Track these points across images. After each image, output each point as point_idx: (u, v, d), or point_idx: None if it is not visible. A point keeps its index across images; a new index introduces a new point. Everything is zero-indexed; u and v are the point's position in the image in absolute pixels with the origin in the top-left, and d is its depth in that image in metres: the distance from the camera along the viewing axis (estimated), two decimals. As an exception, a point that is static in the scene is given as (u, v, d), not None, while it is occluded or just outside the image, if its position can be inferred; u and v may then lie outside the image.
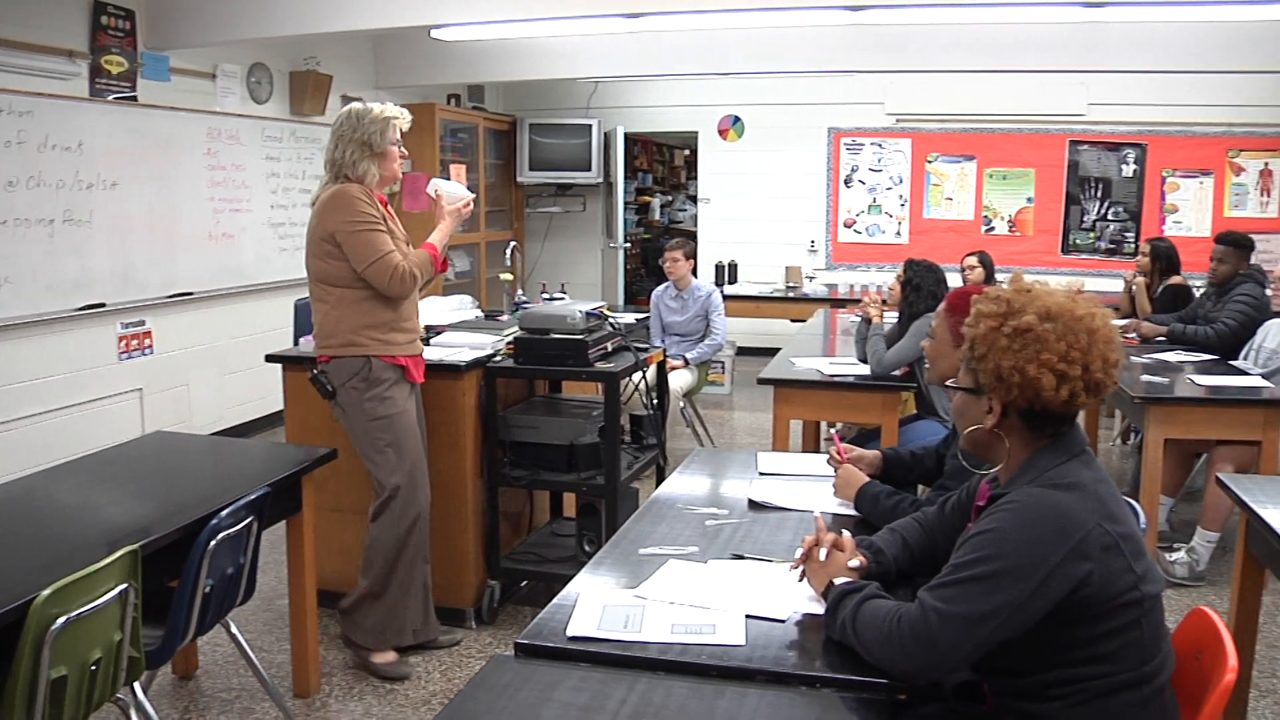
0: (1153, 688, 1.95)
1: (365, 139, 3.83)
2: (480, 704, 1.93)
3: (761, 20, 8.04)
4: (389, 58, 9.33)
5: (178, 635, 2.94)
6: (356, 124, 3.84)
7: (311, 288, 3.97)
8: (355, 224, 3.77)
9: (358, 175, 3.85)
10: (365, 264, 3.78)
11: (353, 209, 3.78)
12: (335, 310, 3.87)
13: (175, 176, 6.90)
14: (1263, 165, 10.10)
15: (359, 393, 3.88)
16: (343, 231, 3.77)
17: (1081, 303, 2.03)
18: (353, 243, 3.77)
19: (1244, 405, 4.83)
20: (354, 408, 3.91)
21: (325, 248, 3.82)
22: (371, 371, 3.88)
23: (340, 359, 3.89)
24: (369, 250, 3.77)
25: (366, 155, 3.85)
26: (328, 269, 3.85)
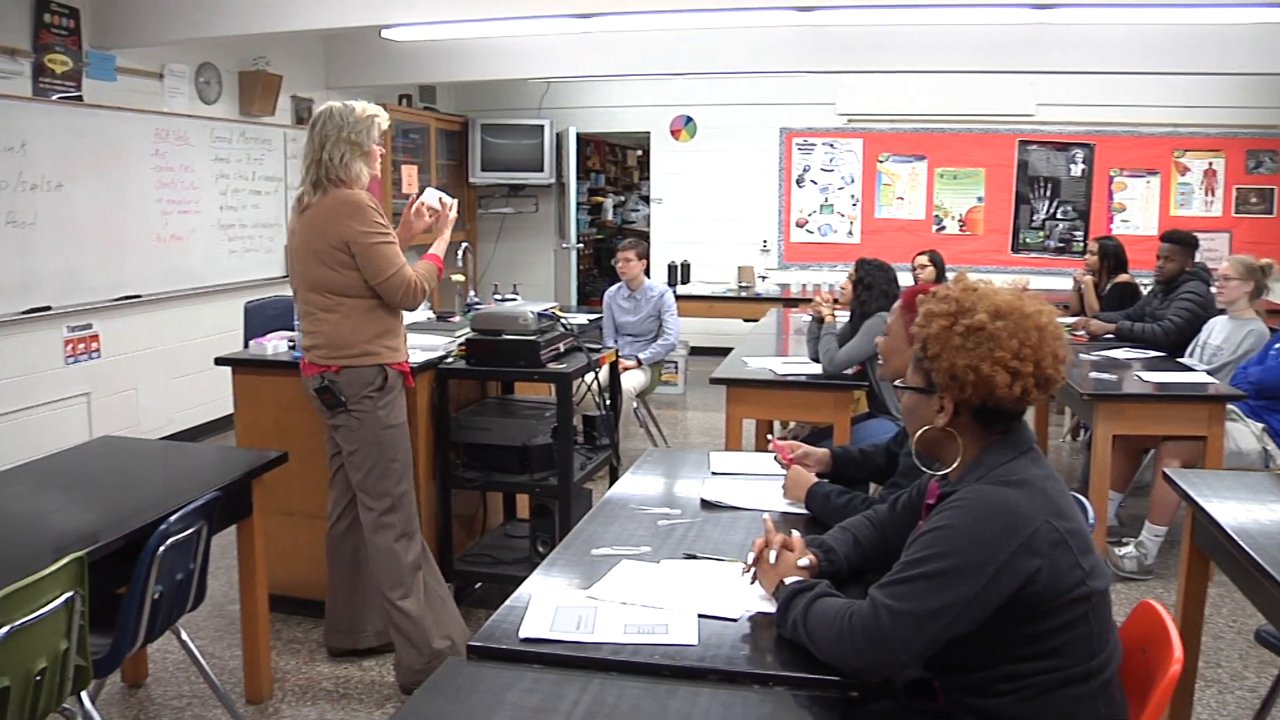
0: (1100, 681, 1.97)
1: (354, 138, 3.73)
2: (433, 707, 1.92)
3: (713, 21, 8.06)
4: (340, 58, 9.27)
5: (126, 643, 2.90)
6: (343, 123, 3.73)
7: (311, 297, 3.79)
8: (372, 235, 3.67)
9: (350, 177, 3.74)
10: (381, 277, 3.68)
11: (368, 218, 3.68)
12: (348, 320, 3.74)
13: (122, 178, 6.82)
14: (1207, 165, 10.25)
15: (373, 402, 3.79)
16: (360, 242, 3.66)
17: (1029, 300, 2.05)
18: (370, 254, 3.67)
19: (1190, 401, 4.90)
20: (369, 417, 3.80)
21: (338, 256, 3.68)
22: (386, 380, 3.81)
23: (355, 369, 3.76)
24: (386, 263, 3.68)
25: (357, 155, 3.74)
26: (338, 279, 3.71)
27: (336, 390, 3.77)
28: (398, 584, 3.88)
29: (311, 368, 3.81)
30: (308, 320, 3.82)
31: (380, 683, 4.00)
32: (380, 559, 3.90)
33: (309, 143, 3.80)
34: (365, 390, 3.77)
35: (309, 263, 3.74)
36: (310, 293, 3.78)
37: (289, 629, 4.45)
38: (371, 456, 3.84)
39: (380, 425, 3.82)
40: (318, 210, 3.72)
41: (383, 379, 3.80)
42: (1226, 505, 3.00)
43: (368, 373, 3.77)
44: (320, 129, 3.75)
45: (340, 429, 3.87)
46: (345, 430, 3.85)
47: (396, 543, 3.88)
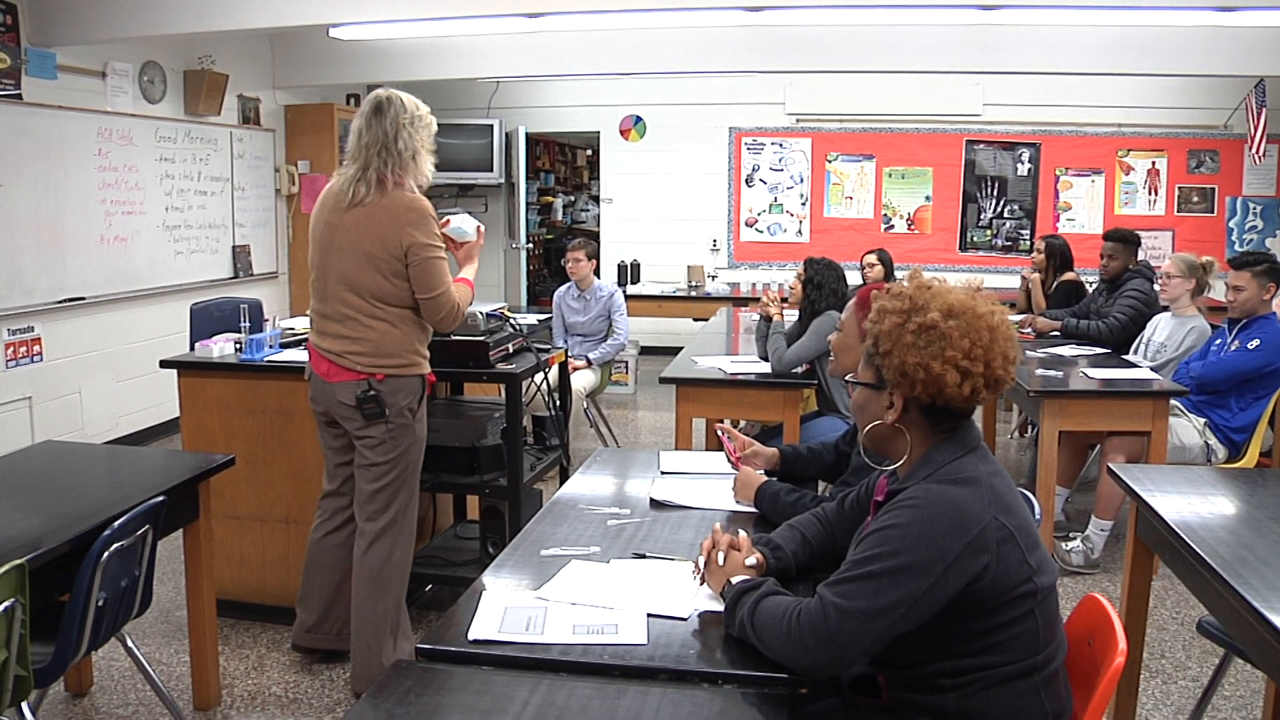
0: (1044, 675, 1.99)
1: (425, 135, 3.60)
2: (381, 710, 1.90)
3: (662, 20, 8.06)
4: (287, 57, 9.19)
5: (69, 651, 2.85)
6: (415, 116, 3.57)
7: (353, 300, 3.59)
8: (432, 248, 3.54)
9: (419, 176, 3.60)
10: (432, 293, 3.56)
11: (431, 229, 3.55)
12: (398, 328, 3.61)
13: (64, 178, 6.72)
14: (1150, 165, 10.40)
15: (413, 414, 3.71)
16: (419, 255, 3.52)
17: (981, 300, 2.07)
18: (426, 268, 3.53)
19: (1134, 397, 4.97)
20: (405, 428, 3.69)
21: (394, 264, 3.53)
22: (422, 390, 3.75)
23: (398, 378, 3.64)
24: (438, 280, 3.56)
25: (427, 154, 3.61)
26: (387, 287, 3.56)
27: (381, 400, 3.61)
28: (383, 596, 3.79)
29: (346, 374, 3.63)
30: (346, 324, 3.62)
31: (330, 686, 3.97)
32: (372, 569, 3.78)
33: (372, 129, 3.56)
34: (409, 401, 3.67)
35: (358, 265, 3.56)
36: (353, 295, 3.59)
37: (237, 634, 4.40)
38: (400, 467, 3.73)
39: (414, 437, 3.74)
40: (377, 211, 3.54)
41: (423, 389, 3.74)
42: (1169, 499, 3.04)
43: (413, 383, 3.68)
44: (392, 116, 3.54)
45: (370, 439, 3.70)
46: (377, 441, 3.69)
47: (391, 555, 3.79)
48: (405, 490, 3.78)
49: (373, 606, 3.78)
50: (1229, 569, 2.42)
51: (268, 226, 9.10)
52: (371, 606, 3.78)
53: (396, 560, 3.81)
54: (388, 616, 3.81)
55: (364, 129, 3.56)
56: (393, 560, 3.79)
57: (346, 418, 3.69)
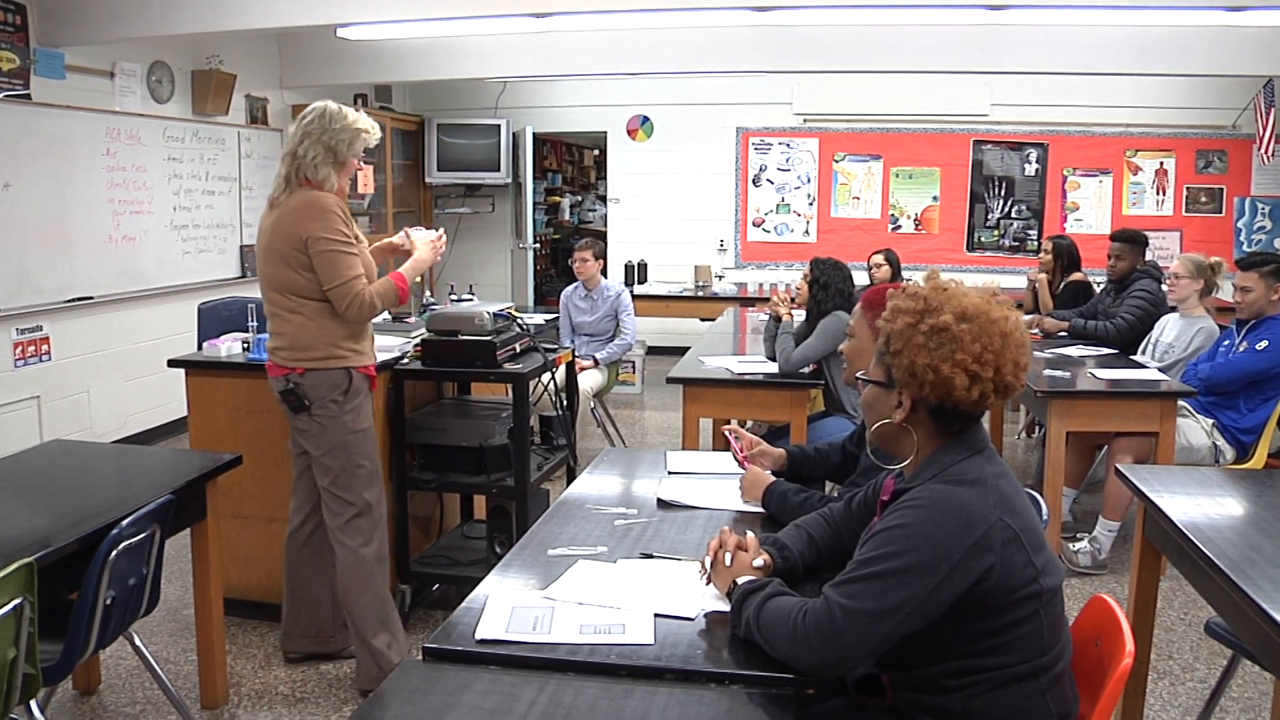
0: (1050, 676, 1.99)
1: (332, 144, 3.65)
2: (388, 710, 1.91)
3: (670, 20, 8.06)
4: (294, 57, 9.20)
5: (77, 650, 2.86)
6: (326, 126, 3.65)
7: (275, 298, 3.72)
8: (329, 240, 3.59)
9: (317, 179, 3.66)
10: (330, 284, 3.60)
11: (330, 223, 3.60)
12: (313, 321, 3.67)
13: (72, 177, 6.73)
14: (1158, 165, 10.38)
15: (339, 406, 3.72)
16: (316, 247, 3.58)
17: (996, 306, 2.06)
18: (323, 260, 3.59)
19: (1142, 398, 4.96)
20: (333, 422, 3.73)
21: (299, 257, 3.60)
22: (352, 384, 3.74)
23: (320, 371, 3.69)
24: (337, 271, 3.59)
25: (329, 161, 3.66)
26: (300, 281, 3.64)
27: (301, 393, 3.70)
28: (363, 590, 3.85)
29: (276, 369, 3.74)
30: (273, 321, 3.75)
31: (337, 685, 3.97)
32: (347, 564, 3.85)
33: (290, 137, 3.73)
34: (330, 394, 3.71)
35: (273, 262, 3.67)
36: (274, 293, 3.71)
37: (244, 633, 4.41)
38: (339, 461, 3.78)
39: (346, 430, 3.75)
40: (284, 210, 3.66)
41: (348, 382, 3.73)
42: (1177, 500, 3.04)
43: (333, 375, 3.70)
44: (305, 124, 3.67)
45: (305, 432, 3.80)
46: (310, 434, 3.78)
47: (363, 548, 3.83)
48: (358, 484, 3.81)
49: (354, 601, 3.85)
50: (1237, 570, 2.42)
51: (275, 226, 9.09)
52: (353, 601, 3.85)
53: (368, 555, 3.85)
54: (369, 610, 3.85)
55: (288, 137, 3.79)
56: (362, 555, 3.84)
57: (283, 412, 3.83)
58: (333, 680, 4.01)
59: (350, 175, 3.79)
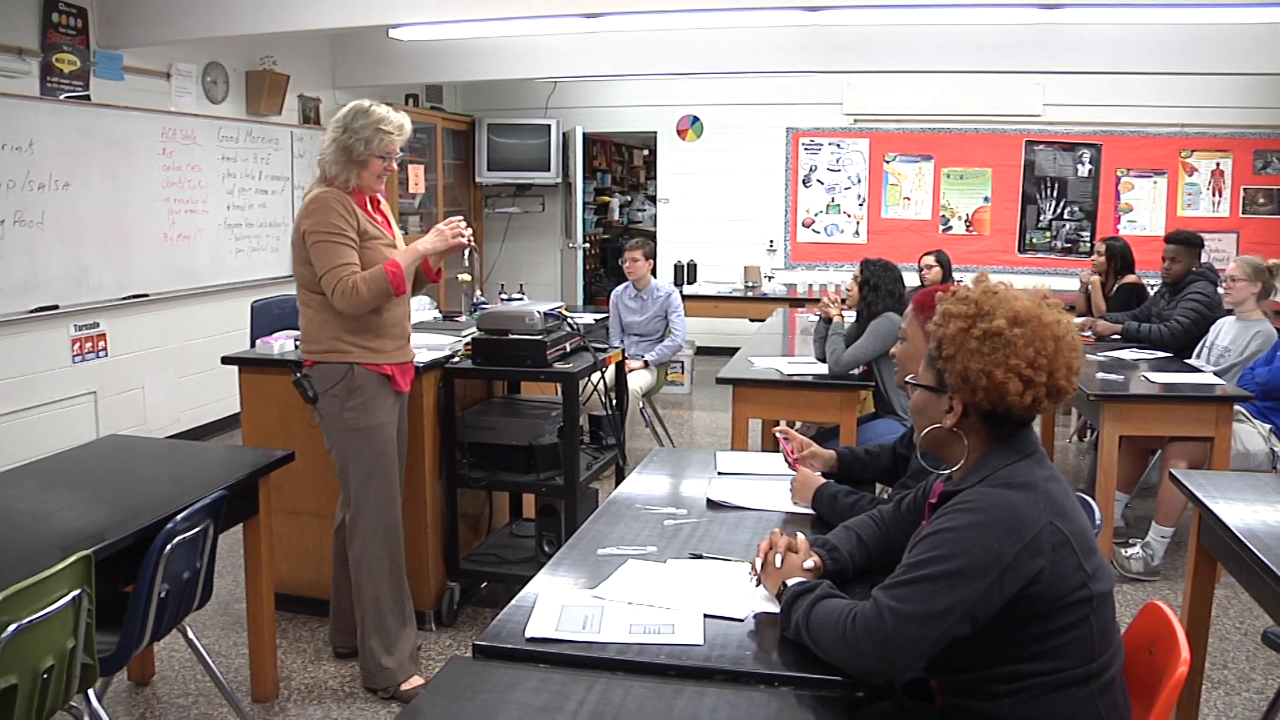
0: (1100, 683, 1.97)
1: (348, 143, 3.65)
2: (438, 706, 1.92)
3: (720, 20, 8.06)
4: (347, 57, 9.28)
5: (133, 641, 2.90)
6: (347, 125, 3.67)
7: (297, 291, 3.86)
8: (319, 232, 3.61)
9: (332, 177, 3.69)
10: (319, 274, 3.62)
11: (322, 216, 3.62)
12: (319, 315, 3.72)
13: (129, 177, 6.83)
14: (1214, 165, 10.23)
15: (339, 401, 3.73)
16: (309, 240, 3.63)
17: (1048, 309, 2.04)
18: (314, 252, 3.62)
19: (1197, 402, 4.89)
20: (333, 417, 3.76)
21: (301, 252, 3.68)
22: (353, 380, 3.72)
23: (322, 365, 3.74)
24: (322, 261, 3.61)
25: (343, 160, 3.67)
26: (306, 274, 3.70)
27: (307, 385, 3.79)
28: (358, 591, 3.87)
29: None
30: (299, 315, 3.87)
31: (386, 682, 4.00)
32: (355, 560, 3.87)
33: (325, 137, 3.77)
34: (330, 388, 3.73)
35: (294, 258, 3.79)
36: (297, 287, 3.85)
37: (295, 628, 4.46)
38: (339, 457, 3.83)
39: (346, 427, 3.76)
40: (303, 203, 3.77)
41: (349, 378, 3.73)
42: (1233, 506, 3.00)
43: (335, 370, 3.72)
44: (333, 123, 3.72)
45: (319, 425, 3.90)
46: (321, 427, 3.87)
47: (360, 550, 3.85)
48: (354, 483, 3.81)
49: (357, 598, 3.89)
50: (1295, 578, 2.38)
51: (327, 225, 9.17)
52: (357, 598, 3.89)
53: (362, 557, 3.85)
54: (367, 611, 3.85)
55: None
56: (362, 555, 3.85)
57: None
58: (382, 676, 4.04)
59: (378, 174, 3.74)
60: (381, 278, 3.66)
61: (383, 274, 3.67)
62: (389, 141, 3.70)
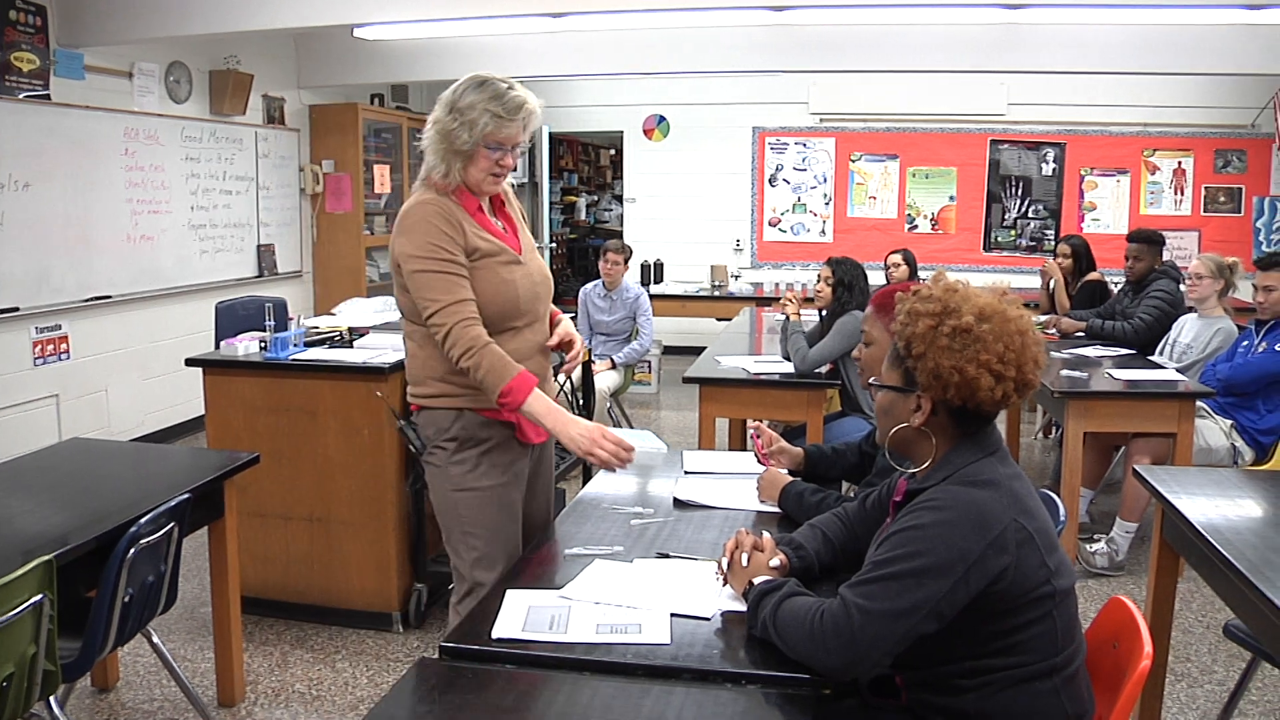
0: (1063, 677, 1.99)
1: (449, 129, 2.87)
2: (404, 708, 1.91)
3: (686, 20, 8.06)
4: (311, 57, 9.22)
5: (96, 647, 2.87)
6: (453, 104, 2.89)
7: (401, 320, 3.15)
8: (416, 257, 2.85)
9: (433, 173, 2.93)
10: (422, 311, 2.87)
11: (419, 236, 2.86)
12: (423, 350, 3.01)
13: (91, 177, 6.76)
14: (1176, 164, 10.34)
15: (446, 454, 3.03)
16: (407, 268, 2.87)
17: (1010, 304, 2.06)
18: (411, 282, 2.88)
19: (1160, 399, 4.94)
20: (439, 473, 3.07)
21: (399, 278, 2.95)
22: (463, 429, 3.01)
23: (431, 411, 3.05)
24: (423, 294, 2.85)
25: (444, 149, 2.89)
26: (406, 301, 2.98)
27: (414, 434, 3.15)
28: None
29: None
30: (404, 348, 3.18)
31: (353, 684, 3.98)
32: None
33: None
34: (438, 438, 3.05)
35: (394, 279, 3.04)
36: (401, 316, 3.13)
37: (261, 631, 4.43)
38: (444, 521, 3.10)
39: (451, 485, 3.05)
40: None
41: (458, 428, 3.02)
42: (1195, 501, 3.02)
43: (442, 418, 3.03)
44: (439, 105, 2.94)
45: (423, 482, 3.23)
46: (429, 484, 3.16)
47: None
48: (468, 555, 3.04)
49: None
50: (1256, 572, 2.40)
51: (292, 226, 9.14)
52: None
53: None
54: None
55: None
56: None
57: None
58: (348, 679, 4.02)
59: (489, 170, 2.94)
60: (501, 373, 2.82)
61: (506, 371, 2.82)
62: (504, 128, 2.90)
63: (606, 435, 2.82)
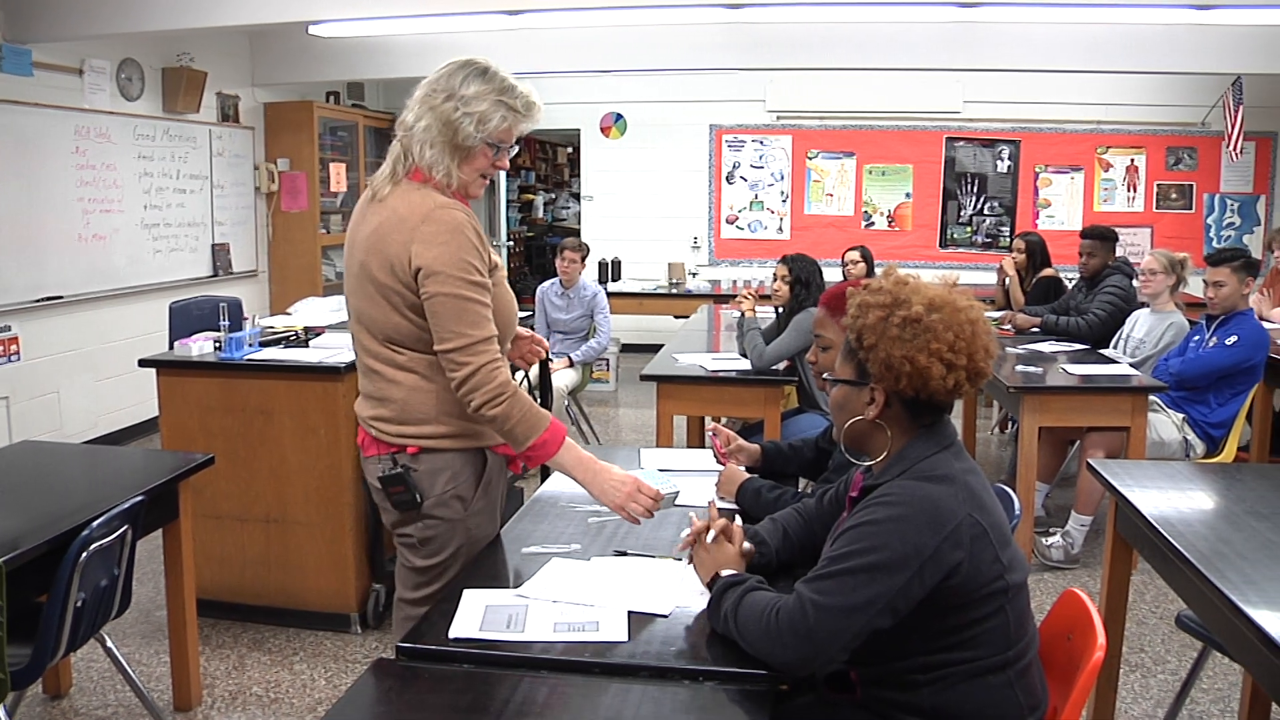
0: (1017, 669, 2.01)
1: (453, 120, 2.47)
2: (361, 709, 1.90)
3: (643, 18, 8.06)
4: (266, 54, 9.14)
5: (47, 653, 2.83)
6: (454, 90, 2.49)
7: (372, 345, 2.57)
8: (454, 278, 2.42)
9: (425, 168, 2.52)
10: (444, 343, 2.44)
11: (455, 251, 2.44)
12: (432, 383, 2.53)
13: (41, 176, 6.67)
14: (1129, 161, 10.45)
15: (463, 505, 2.61)
16: (434, 288, 2.41)
17: (959, 295, 2.08)
18: (439, 306, 2.42)
19: (1113, 393, 4.99)
20: (455, 525, 2.60)
21: (407, 295, 2.45)
22: (485, 472, 2.66)
23: (441, 453, 2.57)
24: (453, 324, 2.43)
25: (445, 143, 2.49)
26: (410, 329, 2.50)
27: (412, 482, 2.56)
28: None
29: (374, 445, 2.62)
30: (369, 378, 2.61)
31: (311, 686, 3.96)
32: None
33: (412, 100, 2.57)
34: (457, 486, 2.59)
35: (368, 294, 2.52)
36: (368, 337, 2.57)
37: (218, 634, 4.39)
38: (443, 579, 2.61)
39: (468, 540, 2.63)
40: (385, 212, 2.51)
41: (480, 469, 2.65)
42: (1148, 494, 3.05)
43: (456, 459, 2.59)
44: (429, 90, 2.53)
45: (404, 537, 2.64)
46: (414, 540, 2.63)
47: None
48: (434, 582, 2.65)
49: None
50: (1206, 563, 2.43)
51: (247, 225, 9.06)
52: None
53: None
54: None
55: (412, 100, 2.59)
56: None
57: (381, 507, 2.69)
58: (306, 681, 4.00)
59: (484, 171, 2.61)
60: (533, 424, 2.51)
61: (538, 422, 2.52)
62: (517, 125, 2.60)
63: (643, 489, 2.53)
